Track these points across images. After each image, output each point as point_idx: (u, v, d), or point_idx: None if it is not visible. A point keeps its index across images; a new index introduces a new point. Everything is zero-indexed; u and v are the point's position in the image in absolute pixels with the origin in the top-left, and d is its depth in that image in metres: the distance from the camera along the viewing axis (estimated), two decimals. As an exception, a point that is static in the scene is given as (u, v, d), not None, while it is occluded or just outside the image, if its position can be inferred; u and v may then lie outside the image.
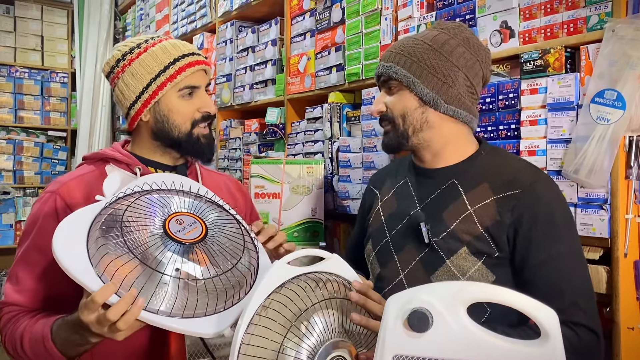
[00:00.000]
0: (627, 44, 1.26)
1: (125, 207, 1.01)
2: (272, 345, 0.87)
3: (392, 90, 1.24)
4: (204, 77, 1.30)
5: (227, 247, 1.04)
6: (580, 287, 1.09)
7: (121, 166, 1.26)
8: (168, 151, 1.30)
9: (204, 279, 0.98)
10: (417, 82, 1.19)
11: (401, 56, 1.21)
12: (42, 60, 5.09)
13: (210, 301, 0.97)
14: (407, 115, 1.21)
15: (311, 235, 2.05)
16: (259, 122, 2.72)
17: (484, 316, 1.10)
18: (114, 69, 1.28)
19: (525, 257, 1.11)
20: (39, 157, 5.01)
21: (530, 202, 1.12)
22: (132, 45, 1.28)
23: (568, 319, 1.04)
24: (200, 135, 1.29)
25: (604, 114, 1.29)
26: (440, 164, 1.24)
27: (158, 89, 1.24)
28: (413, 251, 1.20)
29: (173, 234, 0.99)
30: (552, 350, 0.72)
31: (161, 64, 1.24)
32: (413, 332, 0.75)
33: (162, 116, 1.26)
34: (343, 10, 2.13)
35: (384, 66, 1.24)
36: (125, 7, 4.86)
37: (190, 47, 1.30)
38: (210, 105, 1.30)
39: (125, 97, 1.27)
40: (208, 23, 3.20)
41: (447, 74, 1.19)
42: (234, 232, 1.07)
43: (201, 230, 1.02)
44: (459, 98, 1.20)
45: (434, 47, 1.20)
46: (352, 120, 2.14)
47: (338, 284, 0.96)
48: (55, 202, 1.19)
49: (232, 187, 1.46)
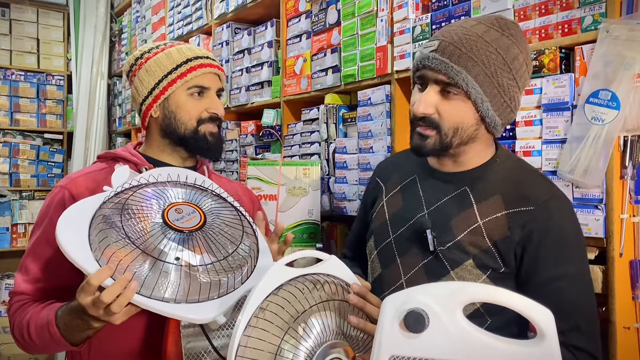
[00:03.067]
0: (621, 44, 1.27)
1: (128, 197, 1.03)
2: (270, 348, 0.87)
3: (449, 95, 1.09)
4: (215, 81, 1.35)
5: (226, 232, 1.06)
6: (583, 311, 1.06)
7: (130, 165, 1.29)
8: (177, 150, 1.35)
9: (206, 265, 1.00)
10: (485, 100, 1.08)
11: (474, 63, 1.06)
12: (38, 62, 5.08)
13: (213, 286, 1.00)
14: (460, 129, 1.10)
15: (308, 236, 2.05)
16: (256, 123, 2.72)
17: (484, 325, 1.07)
18: (132, 67, 1.35)
19: (530, 274, 1.08)
20: (35, 160, 4.99)
21: (542, 220, 1.07)
22: (151, 46, 1.35)
23: (569, 342, 1.02)
24: (207, 132, 1.32)
25: (599, 114, 1.30)
26: (456, 168, 1.18)
27: (168, 85, 1.30)
28: (417, 256, 1.17)
29: (172, 222, 1.01)
30: (548, 350, 0.72)
31: (174, 62, 1.30)
32: (409, 333, 0.75)
33: (170, 112, 1.31)
34: (339, 12, 2.13)
35: (450, 67, 1.07)
36: (121, 10, 4.85)
37: (205, 52, 1.36)
38: (218, 107, 1.34)
39: (139, 92, 1.33)
40: (204, 25, 3.20)
41: (512, 97, 1.10)
42: (232, 218, 1.09)
43: (200, 218, 1.04)
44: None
45: (507, 61, 1.07)
46: (348, 122, 2.15)
47: (336, 286, 0.96)
48: (64, 195, 1.23)
49: (240, 192, 1.48)
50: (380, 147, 1.92)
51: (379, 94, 1.93)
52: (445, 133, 1.11)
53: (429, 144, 1.12)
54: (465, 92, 1.07)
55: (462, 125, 1.10)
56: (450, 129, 1.10)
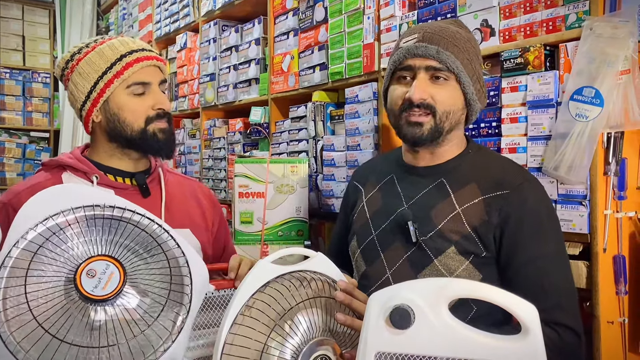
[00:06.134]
0: (605, 41, 1.28)
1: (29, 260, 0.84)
2: (256, 345, 0.87)
3: (439, 81, 1.15)
4: (156, 74, 1.26)
5: (152, 273, 0.91)
6: (562, 288, 1.10)
7: (78, 174, 1.23)
8: (127, 152, 1.26)
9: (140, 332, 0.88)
10: (470, 84, 1.16)
11: (459, 50, 1.14)
12: (24, 60, 5.03)
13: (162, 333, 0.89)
14: (452, 113, 1.16)
15: (296, 234, 2.05)
16: (243, 121, 2.71)
17: (470, 313, 1.11)
18: (64, 71, 1.27)
19: (510, 257, 1.12)
20: (21, 159, 4.95)
21: (517, 203, 1.12)
22: (81, 46, 1.26)
23: (550, 319, 1.05)
24: (157, 129, 1.24)
25: (583, 111, 1.31)
26: (432, 162, 1.23)
27: (105, 87, 1.21)
28: (400, 249, 1.20)
29: (90, 294, 0.85)
30: (532, 345, 0.73)
31: (108, 61, 1.21)
32: (395, 329, 0.75)
33: (112, 115, 1.22)
34: (326, 9, 2.13)
35: (442, 52, 1.13)
36: (107, 7, 4.81)
37: (140, 44, 1.27)
38: (164, 101, 1.25)
39: (75, 98, 1.25)
40: (191, 22, 3.18)
41: (483, 84, 1.20)
42: (154, 252, 0.92)
43: (118, 274, 0.87)
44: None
45: (477, 53, 1.18)
46: (335, 119, 2.15)
47: (322, 283, 0.96)
48: (8, 211, 1.15)
49: (199, 194, 1.40)
50: (368, 144, 1.92)
51: (366, 92, 1.94)
52: (440, 117, 1.15)
53: (425, 130, 1.15)
54: (456, 76, 1.14)
55: (453, 108, 1.16)
56: (445, 113, 1.15)
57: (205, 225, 1.37)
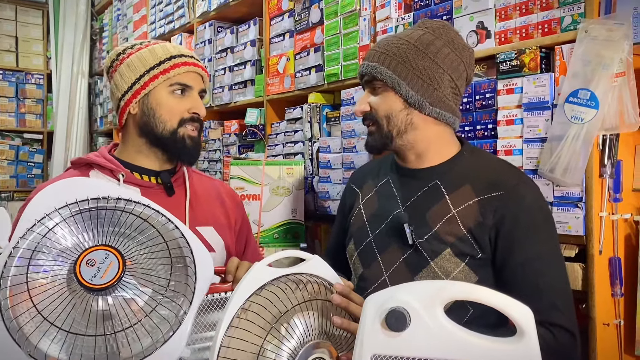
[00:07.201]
0: (600, 44, 1.28)
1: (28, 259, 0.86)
2: (252, 348, 0.86)
3: (377, 91, 1.23)
4: (198, 81, 1.31)
5: (153, 263, 0.92)
6: (558, 289, 1.11)
7: (105, 172, 1.26)
8: (153, 150, 1.29)
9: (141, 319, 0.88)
10: (402, 83, 1.18)
11: (386, 56, 1.20)
12: (17, 61, 5.01)
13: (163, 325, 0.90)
14: (391, 116, 1.20)
15: (292, 236, 2.04)
16: (239, 123, 2.71)
17: (466, 315, 1.11)
18: (113, 62, 1.31)
19: (505, 258, 1.12)
20: (14, 160, 4.93)
21: (512, 204, 1.12)
22: (135, 43, 1.32)
23: (545, 320, 1.05)
24: (187, 135, 1.28)
25: (578, 114, 1.31)
26: (424, 164, 1.24)
27: (150, 81, 1.25)
28: (397, 252, 1.20)
29: (89, 283, 0.86)
30: (527, 347, 0.73)
31: (157, 58, 1.26)
32: (391, 332, 0.75)
33: (149, 109, 1.26)
34: (321, 11, 2.13)
35: (368, 66, 1.22)
36: (101, 8, 4.80)
37: (190, 52, 1.32)
38: (200, 107, 1.29)
39: (118, 87, 1.28)
40: (186, 23, 3.18)
41: (432, 75, 1.18)
42: (155, 242, 0.93)
43: (117, 262, 0.89)
44: (443, 100, 1.20)
45: (420, 47, 1.19)
46: (331, 121, 2.15)
47: (319, 286, 0.96)
48: None
49: (223, 193, 1.43)
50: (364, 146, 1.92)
51: (362, 93, 1.93)
52: (382, 124, 1.22)
53: (375, 138, 1.25)
54: (384, 83, 1.20)
55: (391, 112, 1.21)
56: (383, 118, 1.22)
57: (229, 224, 1.39)
